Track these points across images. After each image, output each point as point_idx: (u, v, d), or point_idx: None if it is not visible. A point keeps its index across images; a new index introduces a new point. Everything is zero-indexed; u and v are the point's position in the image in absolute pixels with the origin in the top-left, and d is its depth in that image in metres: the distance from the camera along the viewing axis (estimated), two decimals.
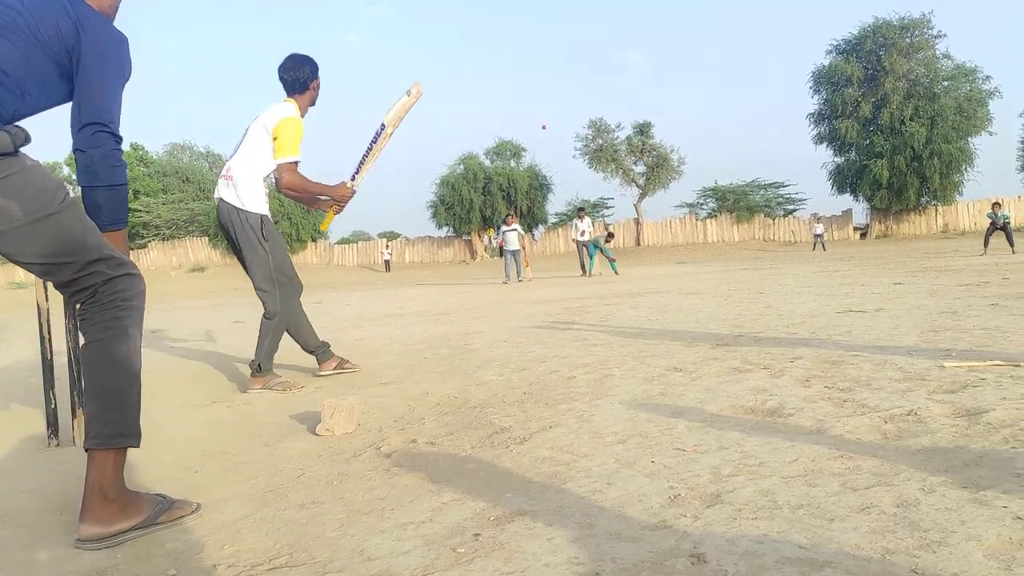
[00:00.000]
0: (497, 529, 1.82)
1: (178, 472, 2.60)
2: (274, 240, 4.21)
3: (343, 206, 4.42)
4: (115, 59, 2.09)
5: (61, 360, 3.12)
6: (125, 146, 2.16)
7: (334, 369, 4.53)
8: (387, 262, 42.46)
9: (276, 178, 4.18)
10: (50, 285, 3.05)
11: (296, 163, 4.15)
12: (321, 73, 4.31)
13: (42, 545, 1.95)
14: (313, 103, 4.35)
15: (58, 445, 3.02)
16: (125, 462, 2.04)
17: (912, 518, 1.68)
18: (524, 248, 19.83)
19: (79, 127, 2.02)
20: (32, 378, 4.61)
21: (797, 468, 2.11)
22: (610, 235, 21.42)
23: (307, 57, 4.28)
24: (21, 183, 1.90)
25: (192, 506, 2.13)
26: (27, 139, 1.97)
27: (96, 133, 2.02)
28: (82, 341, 2.05)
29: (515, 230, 19.49)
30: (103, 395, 1.99)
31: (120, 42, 2.13)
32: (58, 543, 1.96)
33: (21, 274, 44.08)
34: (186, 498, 2.18)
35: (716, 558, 1.55)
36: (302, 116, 4.24)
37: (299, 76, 4.25)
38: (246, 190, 4.11)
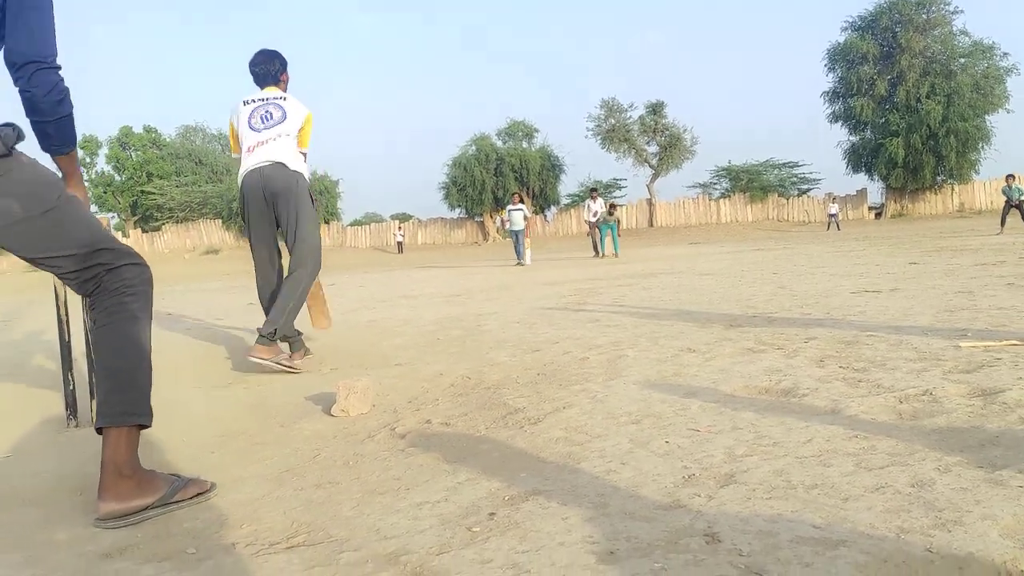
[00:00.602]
0: (512, 508, 1.83)
1: (196, 452, 2.62)
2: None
3: None
4: None
5: (80, 341, 3.15)
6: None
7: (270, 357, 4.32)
8: (400, 244, 42.46)
9: None
10: None
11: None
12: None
13: (62, 525, 1.98)
14: None
15: (77, 426, 3.05)
16: (139, 441, 2.06)
17: (927, 498, 1.68)
18: (526, 229, 18.91)
19: (18, 66, 1.94)
20: (50, 360, 4.66)
21: (811, 448, 2.11)
22: (613, 207, 21.27)
23: (277, 52, 4.48)
24: (17, 182, 1.91)
25: (207, 485, 2.15)
26: (20, 136, 1.96)
27: (37, 72, 1.95)
28: (91, 325, 2.07)
29: (520, 209, 18.89)
30: (112, 375, 2.02)
31: None
32: (78, 523, 1.98)
33: None
34: (201, 477, 2.21)
35: (730, 537, 1.56)
36: None
37: (270, 70, 4.41)
38: (299, 159, 4.27)
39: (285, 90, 4.46)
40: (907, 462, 1.92)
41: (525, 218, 18.90)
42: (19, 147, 1.97)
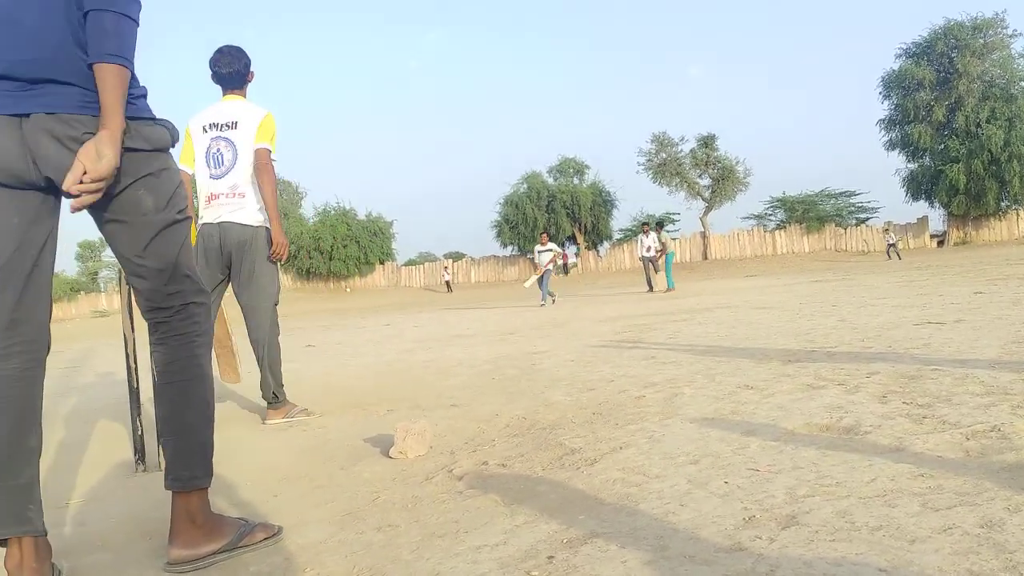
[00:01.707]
0: (571, 552, 1.83)
1: (259, 496, 2.68)
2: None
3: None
4: None
5: (148, 387, 3.24)
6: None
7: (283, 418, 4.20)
8: (448, 283, 42.79)
9: (260, 163, 4.09)
10: (135, 314, 3.19)
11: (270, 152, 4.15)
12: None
13: (132, 569, 2.04)
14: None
15: (145, 471, 3.14)
16: (207, 491, 2.11)
17: (997, 539, 1.63)
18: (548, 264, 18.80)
19: None
20: (117, 405, 4.80)
21: (875, 488, 2.06)
22: (658, 225, 21.24)
23: (242, 48, 4.20)
24: (163, 182, 2.00)
25: (273, 529, 2.19)
26: (176, 138, 2.06)
27: None
28: (157, 374, 2.11)
29: (550, 250, 18.77)
30: (182, 435, 2.05)
31: None
32: (148, 567, 2.04)
33: (103, 303, 45.82)
34: (266, 521, 2.25)
35: None
36: None
37: (239, 68, 4.17)
38: (259, 207, 4.12)
39: (246, 92, 4.27)
40: (975, 502, 1.87)
41: (554, 255, 18.74)
42: None
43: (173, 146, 2.08)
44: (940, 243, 37.73)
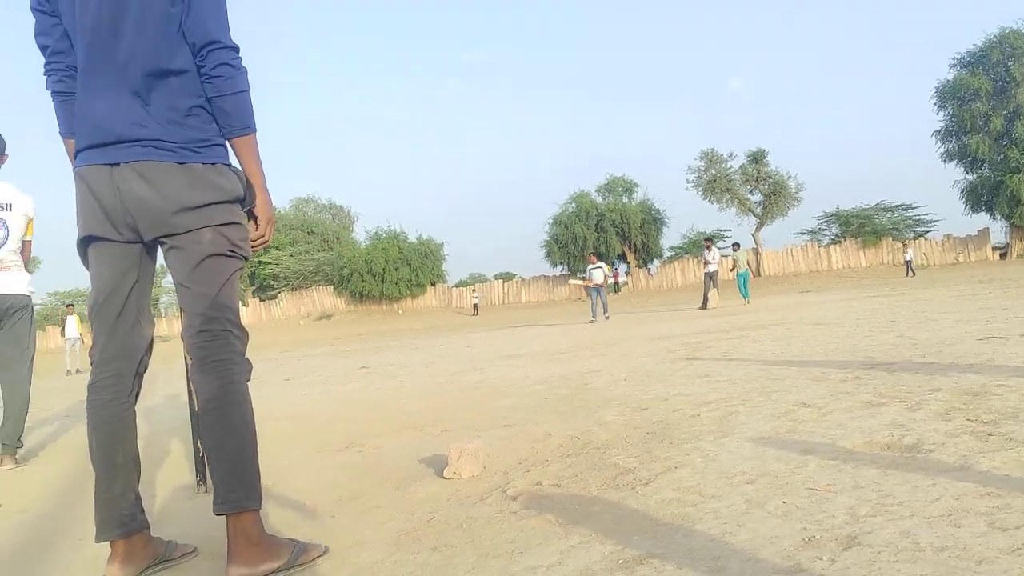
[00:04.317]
0: (627, 572, 1.82)
1: (317, 516, 2.71)
2: None
3: None
4: None
5: None
6: None
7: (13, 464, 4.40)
8: (476, 305, 42.95)
9: (27, 255, 4.57)
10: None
11: None
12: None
13: None
14: None
15: (206, 491, 3.20)
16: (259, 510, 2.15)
17: None
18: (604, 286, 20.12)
19: (196, 49, 2.10)
20: (180, 427, 4.91)
21: (940, 507, 2.01)
22: (735, 245, 21.92)
23: None
24: (228, 230, 2.18)
25: (321, 549, 2.24)
26: (252, 199, 2.26)
27: (211, 52, 2.09)
28: (199, 404, 2.18)
29: (600, 267, 19.88)
30: (227, 460, 2.11)
31: None
32: None
33: (164, 328, 46.95)
34: (313, 541, 2.29)
35: None
36: None
37: None
38: (25, 277, 4.48)
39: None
40: None
41: (604, 276, 19.64)
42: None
43: (245, 197, 2.23)
44: (1002, 255, 36.72)
